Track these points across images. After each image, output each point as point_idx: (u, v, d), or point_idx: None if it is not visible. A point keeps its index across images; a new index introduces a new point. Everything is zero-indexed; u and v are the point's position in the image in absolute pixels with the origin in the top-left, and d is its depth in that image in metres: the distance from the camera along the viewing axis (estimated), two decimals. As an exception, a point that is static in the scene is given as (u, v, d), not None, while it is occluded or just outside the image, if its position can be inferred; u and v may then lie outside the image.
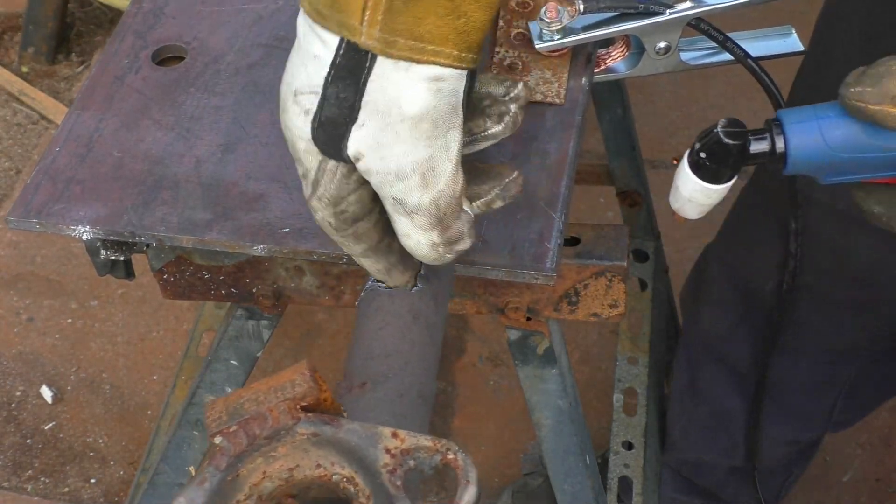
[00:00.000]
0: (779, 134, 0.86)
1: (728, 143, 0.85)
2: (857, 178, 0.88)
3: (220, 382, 1.39)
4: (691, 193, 0.89)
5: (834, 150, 0.85)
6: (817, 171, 0.88)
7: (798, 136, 0.86)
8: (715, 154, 0.86)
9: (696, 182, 0.88)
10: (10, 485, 2.20)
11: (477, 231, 0.90)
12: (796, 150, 0.86)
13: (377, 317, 0.91)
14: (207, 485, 0.69)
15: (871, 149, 0.85)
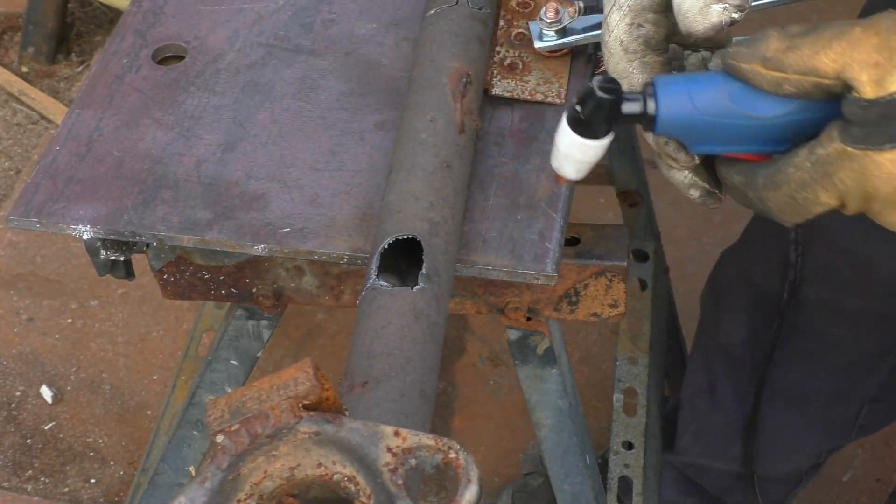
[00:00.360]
0: (651, 96, 0.90)
1: (602, 96, 0.88)
2: (724, 149, 0.92)
3: (220, 382, 1.39)
4: (568, 149, 0.92)
5: (700, 113, 0.89)
6: (687, 136, 0.91)
7: (668, 97, 0.89)
8: (589, 107, 0.89)
9: (572, 136, 0.91)
10: (10, 485, 2.20)
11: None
12: (666, 112, 0.90)
13: (378, 316, 0.91)
14: (208, 484, 0.69)
15: (736, 115, 0.88)
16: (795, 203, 0.88)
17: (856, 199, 0.86)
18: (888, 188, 0.83)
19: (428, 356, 0.90)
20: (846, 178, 0.84)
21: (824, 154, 0.84)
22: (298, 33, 1.35)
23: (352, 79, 1.29)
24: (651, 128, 0.91)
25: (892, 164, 0.82)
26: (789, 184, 0.87)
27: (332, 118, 1.25)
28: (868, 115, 0.81)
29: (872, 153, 0.82)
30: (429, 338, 0.91)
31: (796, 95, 0.86)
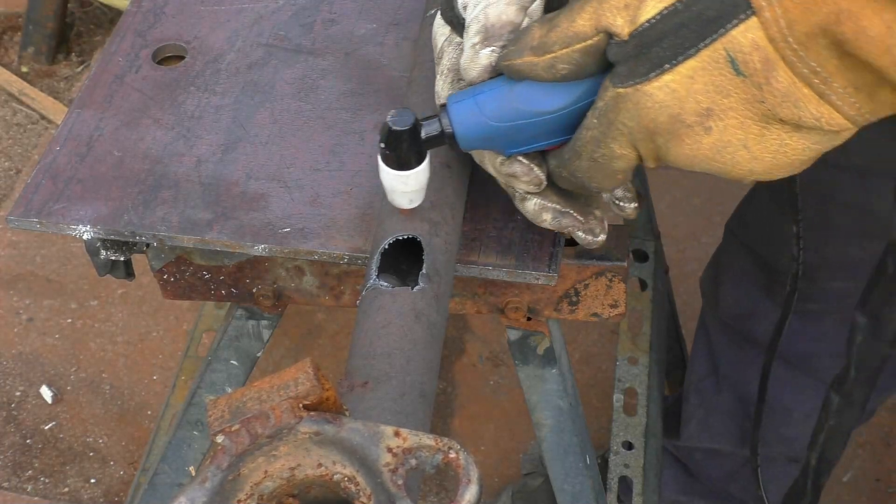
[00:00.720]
0: (445, 115, 0.93)
1: (396, 129, 0.92)
2: (535, 146, 0.95)
3: (220, 382, 1.39)
4: (390, 184, 0.96)
5: (493, 122, 0.92)
6: (491, 145, 0.95)
7: (460, 115, 0.93)
8: (391, 143, 0.92)
9: (388, 172, 0.95)
10: (10, 485, 2.20)
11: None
12: (461, 127, 0.93)
13: (379, 316, 0.91)
14: (209, 484, 0.69)
15: (526, 114, 0.91)
16: (598, 164, 0.90)
17: (643, 141, 0.86)
18: (664, 117, 0.84)
19: (428, 356, 0.90)
20: (626, 120, 0.85)
21: (603, 105, 0.86)
22: (298, 33, 1.35)
23: (352, 79, 1.29)
24: (455, 146, 0.94)
25: (661, 90, 0.83)
26: (586, 146, 0.89)
27: (332, 118, 1.25)
28: (627, 50, 0.83)
29: (640, 86, 0.83)
30: (429, 338, 0.91)
31: (572, 72, 0.88)
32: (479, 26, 0.94)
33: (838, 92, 0.80)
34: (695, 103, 0.83)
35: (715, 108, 0.83)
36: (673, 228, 2.37)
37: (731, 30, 0.79)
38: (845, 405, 1.20)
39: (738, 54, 0.80)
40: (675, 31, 0.81)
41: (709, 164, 0.86)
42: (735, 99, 0.82)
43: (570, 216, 1.00)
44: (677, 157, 0.87)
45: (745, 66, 0.80)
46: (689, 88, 0.82)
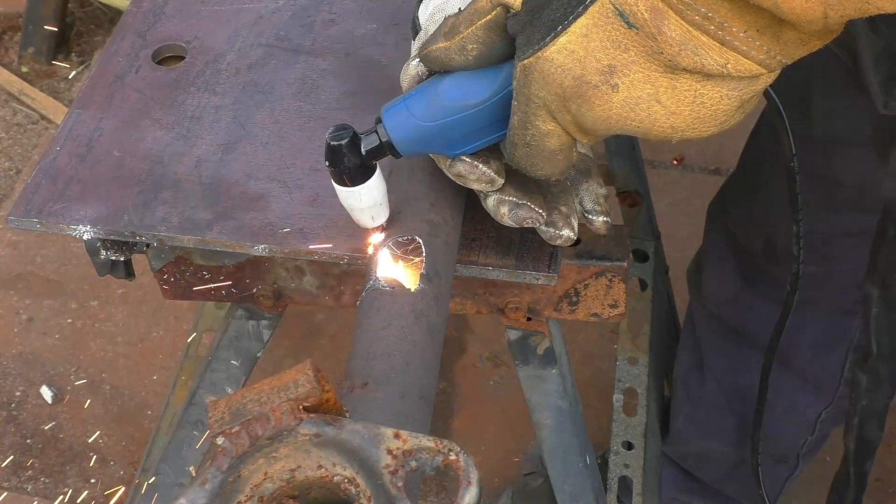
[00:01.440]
0: (381, 124, 0.94)
1: (335, 144, 0.93)
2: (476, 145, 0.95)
3: (220, 382, 1.39)
4: (345, 201, 0.97)
5: (424, 122, 0.93)
6: (430, 148, 0.95)
7: (393, 120, 0.94)
8: (333, 159, 0.93)
9: (340, 189, 0.96)
10: (10, 485, 2.20)
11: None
12: (395, 133, 0.94)
13: (379, 317, 0.91)
14: (209, 485, 0.69)
15: (454, 110, 0.92)
16: (532, 148, 0.90)
17: (558, 110, 0.85)
18: (569, 80, 0.83)
19: (428, 357, 0.90)
20: (538, 91, 0.85)
21: (516, 83, 0.86)
22: (298, 33, 1.35)
23: (352, 79, 1.29)
24: (395, 153, 0.95)
25: (559, 54, 0.82)
26: (516, 133, 0.89)
27: (332, 118, 1.25)
28: (521, 19, 0.83)
29: (540, 53, 0.83)
30: (429, 339, 0.91)
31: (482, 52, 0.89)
32: (419, 43, 0.97)
33: (739, 36, 0.78)
34: (595, 61, 0.82)
35: (616, 63, 0.81)
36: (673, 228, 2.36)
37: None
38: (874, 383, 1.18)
39: (624, 6, 0.79)
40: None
41: (626, 123, 0.84)
42: (634, 52, 0.80)
43: (526, 207, 0.99)
44: (595, 121, 0.85)
45: (635, 18, 0.79)
46: (587, 47, 0.81)
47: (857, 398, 1.21)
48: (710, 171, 2.66)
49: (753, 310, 1.70)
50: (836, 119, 1.40)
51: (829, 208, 1.50)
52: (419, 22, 1.02)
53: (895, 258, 1.05)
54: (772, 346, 1.45)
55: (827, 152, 1.43)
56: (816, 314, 1.63)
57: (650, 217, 1.98)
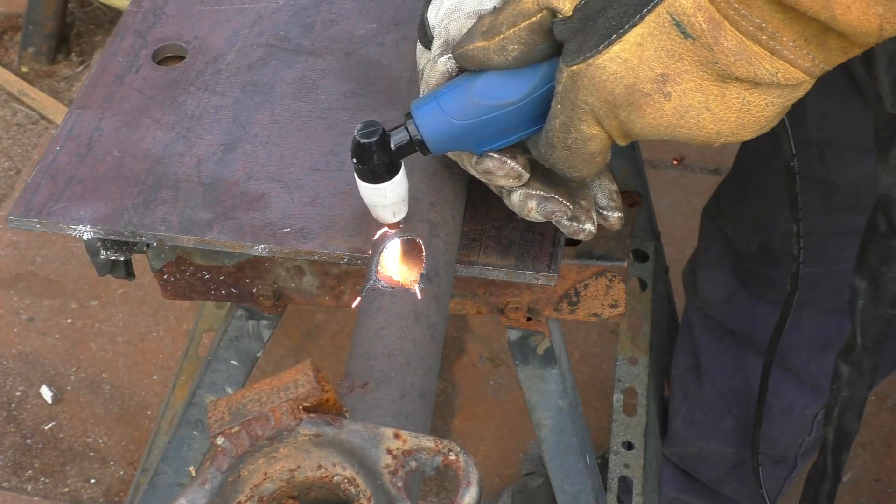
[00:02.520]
0: (411, 122, 0.93)
1: (365, 142, 0.92)
2: (506, 141, 0.95)
3: (220, 382, 1.39)
4: (370, 198, 0.96)
5: (457, 121, 0.92)
6: (461, 145, 0.95)
7: (425, 118, 0.93)
8: (362, 156, 0.92)
9: (366, 187, 0.95)
10: (10, 485, 2.20)
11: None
12: (427, 131, 0.93)
13: (379, 317, 0.91)
14: (209, 486, 0.69)
15: (488, 109, 0.92)
16: (573, 151, 0.90)
17: (607, 117, 0.86)
18: (620, 88, 0.84)
19: (428, 357, 0.90)
20: (586, 97, 0.85)
21: (561, 87, 0.86)
22: (298, 33, 1.35)
23: (352, 79, 1.29)
24: (426, 151, 0.95)
25: (613, 61, 0.83)
26: (557, 135, 0.89)
27: (332, 118, 1.25)
28: (573, 26, 0.83)
29: (592, 60, 0.83)
30: (429, 339, 0.91)
31: (523, 53, 0.88)
32: (441, 41, 0.96)
33: (788, 46, 0.80)
34: (649, 70, 0.83)
35: (670, 72, 0.82)
36: (673, 228, 2.37)
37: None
38: (856, 375, 1.19)
39: (682, 17, 0.80)
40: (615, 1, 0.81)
41: (675, 130, 0.86)
42: (688, 62, 0.81)
43: (554, 201, 0.99)
44: (643, 128, 0.87)
45: (692, 28, 0.80)
46: (641, 56, 0.82)
47: (838, 389, 1.22)
48: (710, 171, 2.66)
49: (749, 311, 1.70)
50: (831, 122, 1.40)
51: (825, 209, 1.50)
52: (429, 23, 1.01)
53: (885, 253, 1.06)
54: (771, 346, 1.45)
55: (822, 155, 1.44)
56: (812, 314, 1.63)
57: (650, 217, 1.98)
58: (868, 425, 2.25)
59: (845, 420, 1.25)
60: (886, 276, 1.06)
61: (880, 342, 1.15)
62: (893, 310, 1.10)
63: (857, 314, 1.12)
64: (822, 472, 1.31)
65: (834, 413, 1.24)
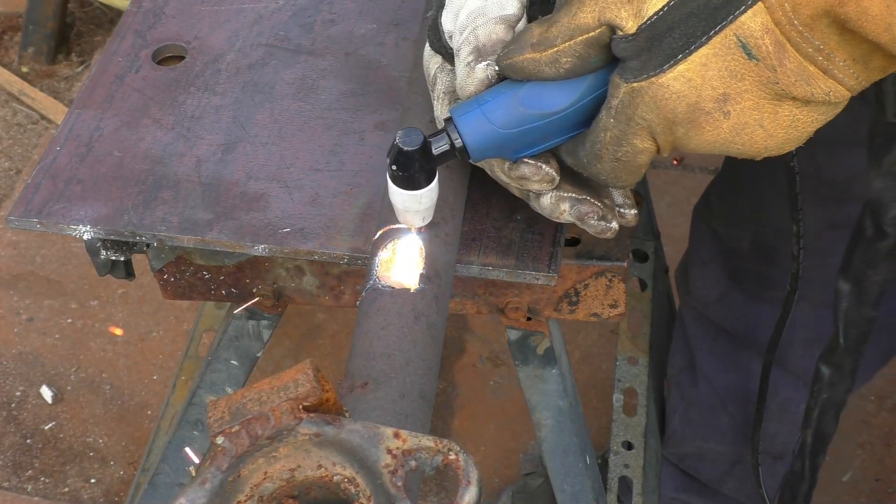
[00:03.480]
0: (453, 129, 0.93)
1: (408, 150, 0.91)
2: (542, 147, 0.95)
3: (220, 382, 1.39)
4: (404, 204, 0.95)
5: (502, 129, 0.92)
6: (501, 153, 0.95)
7: (468, 126, 0.93)
8: (403, 164, 0.92)
9: (401, 193, 0.94)
10: (10, 485, 2.20)
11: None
12: (470, 139, 0.93)
13: (379, 317, 0.91)
14: (209, 485, 0.69)
15: (533, 118, 0.92)
16: (621, 163, 0.91)
17: (663, 132, 0.88)
18: (682, 106, 0.86)
19: (428, 357, 0.90)
20: (645, 113, 0.87)
21: (618, 102, 0.87)
22: (298, 33, 1.35)
23: (352, 79, 1.29)
24: (466, 158, 0.94)
25: (676, 80, 0.85)
26: (606, 147, 0.90)
27: (332, 118, 1.25)
28: (638, 44, 0.84)
29: (655, 79, 0.85)
30: (429, 338, 0.91)
31: (576, 66, 0.89)
32: (471, 47, 0.95)
33: (839, 66, 0.83)
34: (711, 90, 0.85)
35: (731, 92, 0.85)
36: (673, 228, 2.36)
37: (740, 16, 0.81)
38: (837, 376, 1.20)
39: (749, 39, 0.82)
40: (684, 20, 0.83)
41: (728, 146, 0.88)
42: (750, 82, 0.84)
43: (587, 202, 1.00)
44: (699, 144, 0.89)
45: (758, 50, 0.82)
46: (705, 76, 0.84)
47: (819, 391, 1.22)
48: (710, 171, 2.66)
49: (741, 308, 1.70)
50: None
51: (816, 204, 1.50)
52: (444, 27, 1.01)
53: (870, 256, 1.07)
54: (771, 346, 1.45)
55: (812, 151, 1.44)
56: (806, 310, 1.63)
57: (650, 217, 1.98)
58: (868, 425, 2.25)
59: (824, 422, 1.26)
60: (871, 278, 1.08)
61: (862, 344, 1.16)
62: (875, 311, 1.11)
63: (840, 315, 1.13)
64: (800, 475, 1.31)
65: (813, 415, 1.25)
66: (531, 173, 0.97)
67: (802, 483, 1.33)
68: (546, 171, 0.97)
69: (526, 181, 0.98)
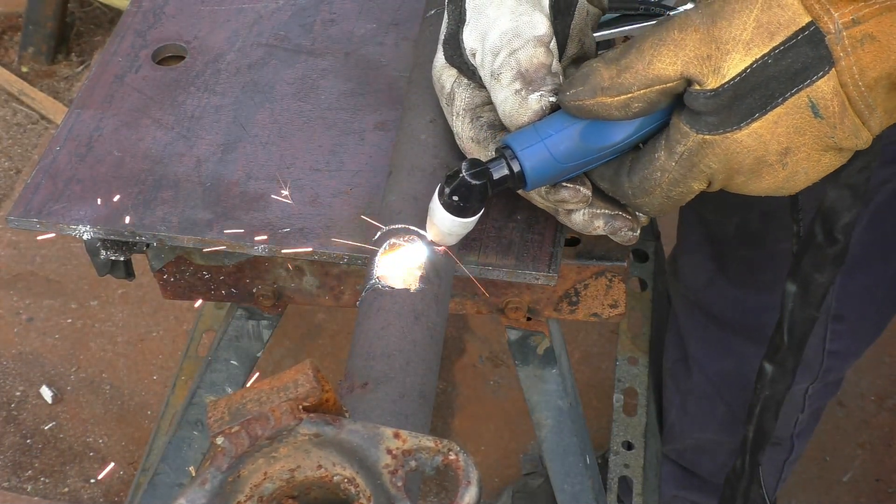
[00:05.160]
0: (513, 158, 0.95)
1: (475, 183, 0.94)
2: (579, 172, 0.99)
3: (220, 382, 1.39)
4: (452, 228, 0.97)
5: (562, 163, 0.95)
6: (551, 182, 0.98)
7: (532, 159, 0.95)
8: (465, 195, 0.94)
9: (452, 220, 0.96)
10: (10, 485, 2.20)
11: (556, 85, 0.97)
12: (532, 173, 0.95)
13: (379, 317, 0.91)
14: (208, 485, 0.69)
15: (590, 153, 0.95)
16: (671, 199, 0.96)
17: (721, 178, 0.94)
18: (750, 160, 0.91)
19: (428, 357, 0.90)
20: (712, 163, 0.92)
21: (686, 150, 0.91)
22: (298, 33, 1.35)
23: (352, 79, 1.29)
24: (520, 187, 0.96)
25: (750, 137, 0.90)
26: (661, 186, 0.94)
27: (332, 118, 1.25)
28: (719, 102, 0.88)
29: (731, 134, 0.90)
30: (429, 339, 0.91)
31: (645, 110, 0.92)
32: (514, 73, 0.97)
33: (877, 118, 0.90)
34: (777, 144, 0.91)
35: (792, 146, 0.91)
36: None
37: (817, 80, 0.88)
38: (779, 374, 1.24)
39: (820, 100, 0.88)
40: (765, 83, 0.88)
41: (777, 191, 0.95)
42: (809, 136, 0.90)
43: (621, 218, 1.03)
44: (752, 190, 0.95)
45: (825, 110, 0.89)
46: (773, 132, 0.90)
47: (761, 388, 1.26)
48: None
49: (727, 295, 1.71)
50: None
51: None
52: (466, 44, 1.01)
53: (818, 261, 1.12)
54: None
55: None
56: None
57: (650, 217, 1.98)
58: (868, 425, 2.25)
59: (765, 418, 1.29)
60: (817, 281, 1.13)
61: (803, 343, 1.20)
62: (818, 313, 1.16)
63: (785, 315, 1.18)
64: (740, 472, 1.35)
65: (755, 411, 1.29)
66: (570, 196, 1.00)
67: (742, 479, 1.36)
68: (584, 194, 1.00)
69: (564, 203, 1.01)
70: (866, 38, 0.86)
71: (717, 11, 0.88)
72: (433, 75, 1.05)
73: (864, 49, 0.86)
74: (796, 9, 0.87)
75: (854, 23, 0.86)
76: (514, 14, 0.99)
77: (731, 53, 0.87)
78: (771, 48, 0.87)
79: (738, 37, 0.87)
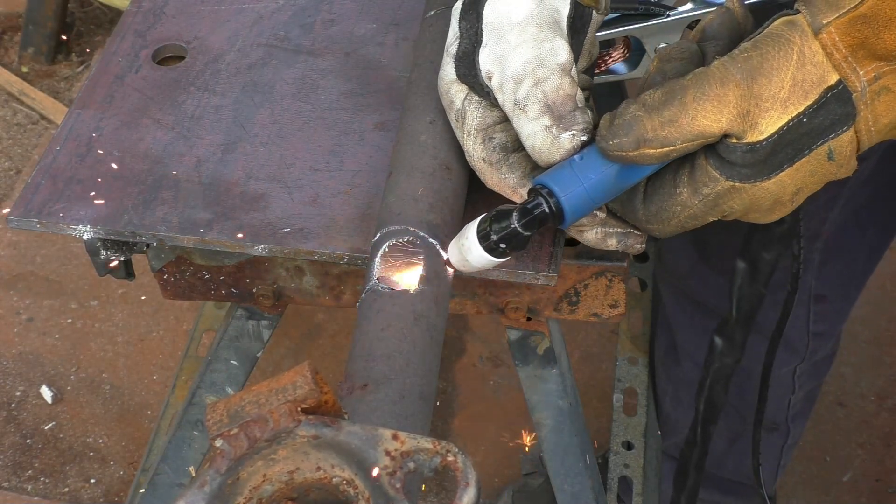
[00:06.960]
0: (551, 196, 0.96)
1: (526, 234, 0.96)
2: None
3: (220, 383, 1.39)
4: (482, 265, 0.98)
5: (596, 202, 0.97)
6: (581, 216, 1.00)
7: (573, 202, 0.97)
8: (513, 243, 0.96)
9: (490, 260, 0.97)
10: (10, 485, 2.20)
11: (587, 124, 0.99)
12: (572, 214, 0.97)
13: (379, 318, 0.91)
14: (207, 488, 0.69)
15: (619, 190, 0.98)
16: (684, 228, 0.99)
17: (737, 215, 0.98)
18: (769, 202, 0.96)
19: (428, 358, 0.90)
20: (735, 206, 0.96)
21: (712, 192, 0.95)
22: (298, 33, 1.35)
23: (352, 79, 1.29)
24: (556, 225, 0.98)
25: (775, 184, 0.95)
26: (678, 218, 0.97)
27: (332, 118, 1.25)
28: (756, 156, 0.92)
29: (760, 183, 0.94)
30: (429, 340, 0.91)
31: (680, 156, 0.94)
32: (542, 105, 0.98)
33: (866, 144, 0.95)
34: (793, 187, 0.95)
35: (804, 186, 0.96)
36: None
37: (841, 134, 0.93)
38: (728, 347, 1.29)
39: (838, 148, 0.93)
40: (797, 139, 0.92)
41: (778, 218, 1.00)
42: (819, 176, 0.95)
43: (633, 235, 1.05)
44: (759, 220, 0.99)
45: (840, 156, 0.94)
46: (793, 177, 0.94)
47: (711, 361, 1.31)
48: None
49: (710, 282, 1.72)
50: None
51: None
52: (482, 67, 1.01)
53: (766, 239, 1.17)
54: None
55: None
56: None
57: (650, 217, 1.98)
58: (868, 425, 2.25)
59: (715, 391, 1.34)
60: (765, 259, 1.18)
61: (751, 318, 1.25)
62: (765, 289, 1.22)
63: (734, 291, 1.23)
64: (692, 442, 1.40)
65: (706, 384, 1.33)
66: (588, 222, 1.03)
67: (695, 450, 1.40)
68: (601, 218, 1.03)
69: (583, 228, 1.04)
70: (883, 90, 0.91)
71: (756, 67, 0.90)
72: (440, 88, 1.05)
73: (880, 100, 0.91)
74: (826, 66, 0.91)
75: (875, 79, 0.91)
76: (537, 41, 1.00)
77: (770, 112, 0.91)
78: (805, 107, 0.91)
79: (776, 95, 0.90)
